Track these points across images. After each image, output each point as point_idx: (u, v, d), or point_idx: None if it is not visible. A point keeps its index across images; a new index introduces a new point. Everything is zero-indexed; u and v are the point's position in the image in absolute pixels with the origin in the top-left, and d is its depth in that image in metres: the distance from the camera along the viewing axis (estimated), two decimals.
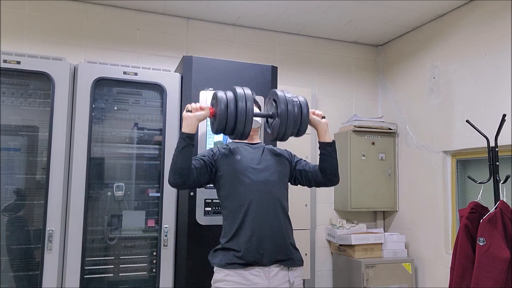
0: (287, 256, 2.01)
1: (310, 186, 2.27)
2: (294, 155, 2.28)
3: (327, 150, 2.15)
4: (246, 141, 2.17)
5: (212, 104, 2.04)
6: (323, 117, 2.17)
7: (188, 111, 1.99)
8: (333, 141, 2.17)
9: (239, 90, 1.97)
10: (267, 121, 2.17)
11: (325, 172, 2.17)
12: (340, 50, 4.08)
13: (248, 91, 1.98)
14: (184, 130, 1.96)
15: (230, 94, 1.97)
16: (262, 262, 1.94)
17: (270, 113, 2.10)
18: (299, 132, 2.07)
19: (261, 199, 2.00)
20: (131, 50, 3.41)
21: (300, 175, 2.22)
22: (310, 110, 2.09)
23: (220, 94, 1.97)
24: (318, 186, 2.26)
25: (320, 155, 2.18)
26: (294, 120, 2.00)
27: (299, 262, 2.06)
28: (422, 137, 3.59)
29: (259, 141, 2.26)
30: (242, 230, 1.96)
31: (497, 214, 2.32)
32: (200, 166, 2.02)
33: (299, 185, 2.27)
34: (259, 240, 1.94)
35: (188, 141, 1.95)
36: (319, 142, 2.18)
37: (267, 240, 1.96)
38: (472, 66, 3.11)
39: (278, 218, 2.01)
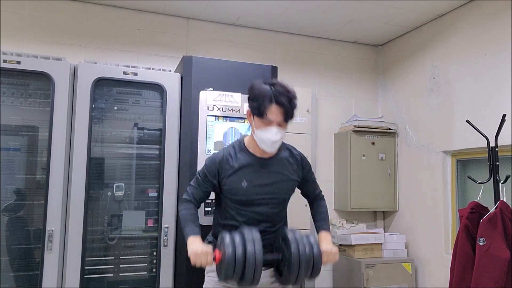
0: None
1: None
2: (309, 170, 2.10)
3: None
4: (258, 155, 1.93)
5: (218, 247, 1.83)
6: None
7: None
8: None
9: (247, 232, 1.77)
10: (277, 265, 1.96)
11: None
12: (340, 50, 4.08)
13: (256, 234, 1.77)
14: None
15: (237, 237, 1.75)
16: None
17: (280, 256, 1.88)
18: (312, 275, 1.91)
19: (260, 210, 1.94)
20: (131, 50, 3.41)
21: (302, 192, 2.16)
22: (321, 250, 1.91)
23: (227, 238, 1.75)
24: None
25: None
26: (307, 262, 1.83)
27: None
28: (422, 137, 3.59)
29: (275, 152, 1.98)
30: (239, 215, 1.93)
31: (497, 214, 2.32)
32: (206, 195, 1.99)
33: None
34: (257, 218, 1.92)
35: None
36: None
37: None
38: (472, 66, 3.11)
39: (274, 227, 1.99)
